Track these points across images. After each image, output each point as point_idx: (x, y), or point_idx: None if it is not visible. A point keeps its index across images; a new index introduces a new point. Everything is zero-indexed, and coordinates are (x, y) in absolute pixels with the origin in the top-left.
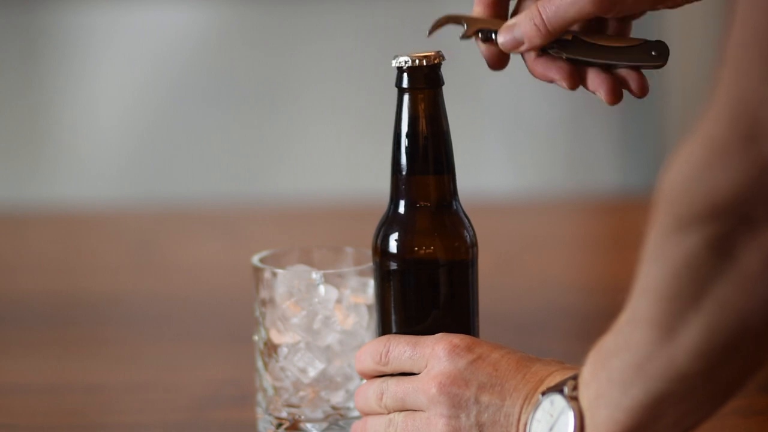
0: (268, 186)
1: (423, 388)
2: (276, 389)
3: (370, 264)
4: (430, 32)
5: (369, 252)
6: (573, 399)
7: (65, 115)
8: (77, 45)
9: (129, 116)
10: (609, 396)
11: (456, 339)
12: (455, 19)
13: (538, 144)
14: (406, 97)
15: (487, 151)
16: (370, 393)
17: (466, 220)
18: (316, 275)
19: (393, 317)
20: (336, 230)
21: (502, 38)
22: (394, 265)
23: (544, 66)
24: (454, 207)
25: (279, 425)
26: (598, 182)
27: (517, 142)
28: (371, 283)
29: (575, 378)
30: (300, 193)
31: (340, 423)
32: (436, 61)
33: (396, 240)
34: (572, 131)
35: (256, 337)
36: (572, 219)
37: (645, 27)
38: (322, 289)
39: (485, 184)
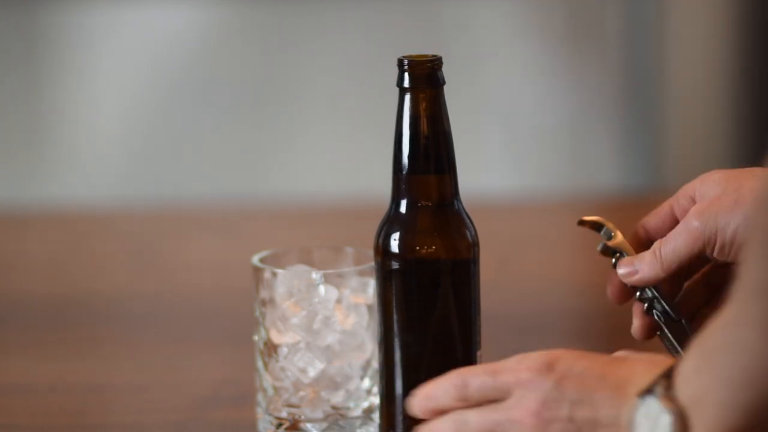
0: (268, 186)
1: (518, 420)
2: (276, 389)
3: (370, 264)
4: (580, 223)
5: (369, 252)
6: (668, 399)
7: (65, 115)
8: (78, 45)
9: (129, 116)
10: (716, 395)
11: (536, 361)
12: (601, 228)
13: (538, 144)
14: (407, 97)
15: (488, 151)
16: (445, 427)
17: (468, 220)
18: (316, 275)
19: (395, 317)
20: (336, 230)
21: (623, 269)
22: (395, 265)
23: (630, 300)
24: (456, 206)
25: (279, 425)
26: (598, 182)
27: (517, 142)
28: (371, 283)
29: (668, 376)
30: (300, 193)
31: (340, 423)
32: (437, 62)
33: (397, 239)
34: (573, 131)
35: (256, 337)
36: (573, 219)
37: (645, 26)
38: (322, 289)
39: (486, 183)
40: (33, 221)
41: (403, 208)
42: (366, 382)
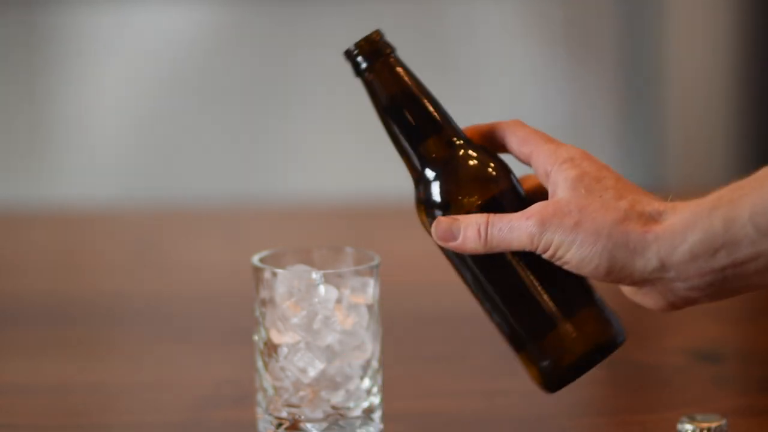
0: (268, 186)
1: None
2: (276, 389)
3: (370, 264)
4: None
5: (369, 252)
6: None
7: (66, 115)
8: (78, 46)
9: (130, 116)
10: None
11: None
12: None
13: None
14: (368, 80)
15: None
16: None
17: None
18: (316, 275)
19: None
20: (336, 230)
21: (439, 224)
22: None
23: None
24: (468, 143)
25: (279, 425)
26: None
27: None
28: (371, 283)
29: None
30: (300, 193)
31: (340, 423)
32: (375, 38)
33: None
34: (572, 131)
35: (256, 337)
36: None
37: (645, 26)
38: (322, 289)
39: None
40: (34, 221)
41: (436, 174)
42: (366, 382)
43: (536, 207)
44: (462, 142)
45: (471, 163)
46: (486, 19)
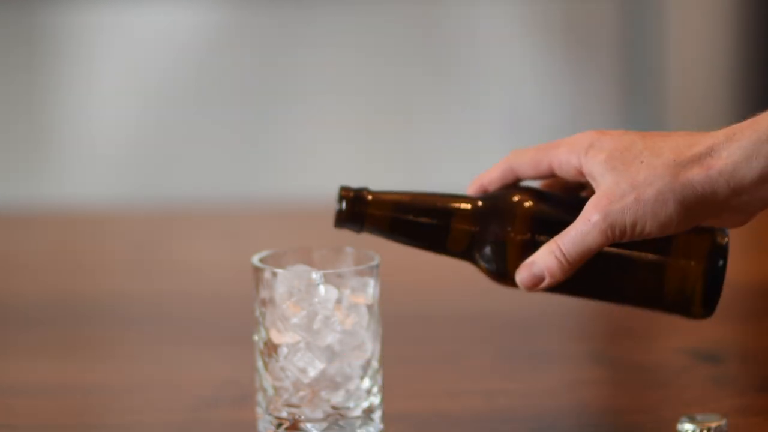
0: (268, 186)
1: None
2: (276, 389)
3: (370, 264)
4: None
5: (369, 252)
6: None
7: (66, 115)
8: (79, 45)
9: (130, 116)
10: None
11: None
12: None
13: (538, 143)
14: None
15: (488, 151)
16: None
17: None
18: (316, 275)
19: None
20: (336, 230)
21: (520, 276)
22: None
23: None
24: (480, 197)
25: (279, 425)
26: None
27: (518, 142)
28: (371, 283)
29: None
30: (300, 193)
31: (340, 423)
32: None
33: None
34: (572, 131)
35: (256, 337)
36: None
37: (646, 25)
38: (322, 289)
39: None
40: (33, 221)
41: (481, 247)
42: (366, 382)
43: (590, 205)
44: (477, 203)
45: (498, 208)
46: (486, 20)
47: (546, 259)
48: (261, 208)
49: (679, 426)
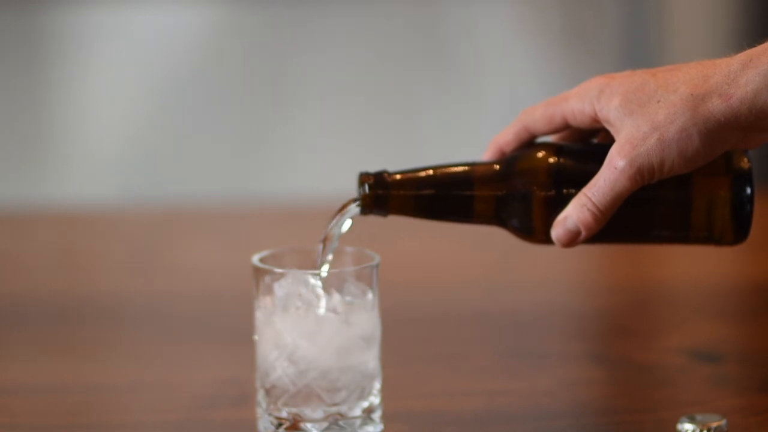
0: (268, 186)
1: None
2: (276, 389)
3: (370, 264)
4: None
5: (369, 252)
6: None
7: (66, 115)
8: (79, 45)
9: (130, 117)
10: None
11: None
12: None
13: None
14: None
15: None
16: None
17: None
18: (315, 275)
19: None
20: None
21: (555, 233)
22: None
23: None
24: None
25: (279, 425)
26: None
27: None
28: (371, 283)
29: None
30: (300, 193)
31: (340, 423)
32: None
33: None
34: None
35: (256, 337)
36: None
37: (645, 25)
38: (321, 289)
39: None
40: (34, 221)
41: (507, 207)
42: (366, 382)
43: (614, 152)
44: (497, 166)
45: (520, 168)
46: (486, 19)
47: (579, 212)
48: (261, 208)
49: (679, 426)
